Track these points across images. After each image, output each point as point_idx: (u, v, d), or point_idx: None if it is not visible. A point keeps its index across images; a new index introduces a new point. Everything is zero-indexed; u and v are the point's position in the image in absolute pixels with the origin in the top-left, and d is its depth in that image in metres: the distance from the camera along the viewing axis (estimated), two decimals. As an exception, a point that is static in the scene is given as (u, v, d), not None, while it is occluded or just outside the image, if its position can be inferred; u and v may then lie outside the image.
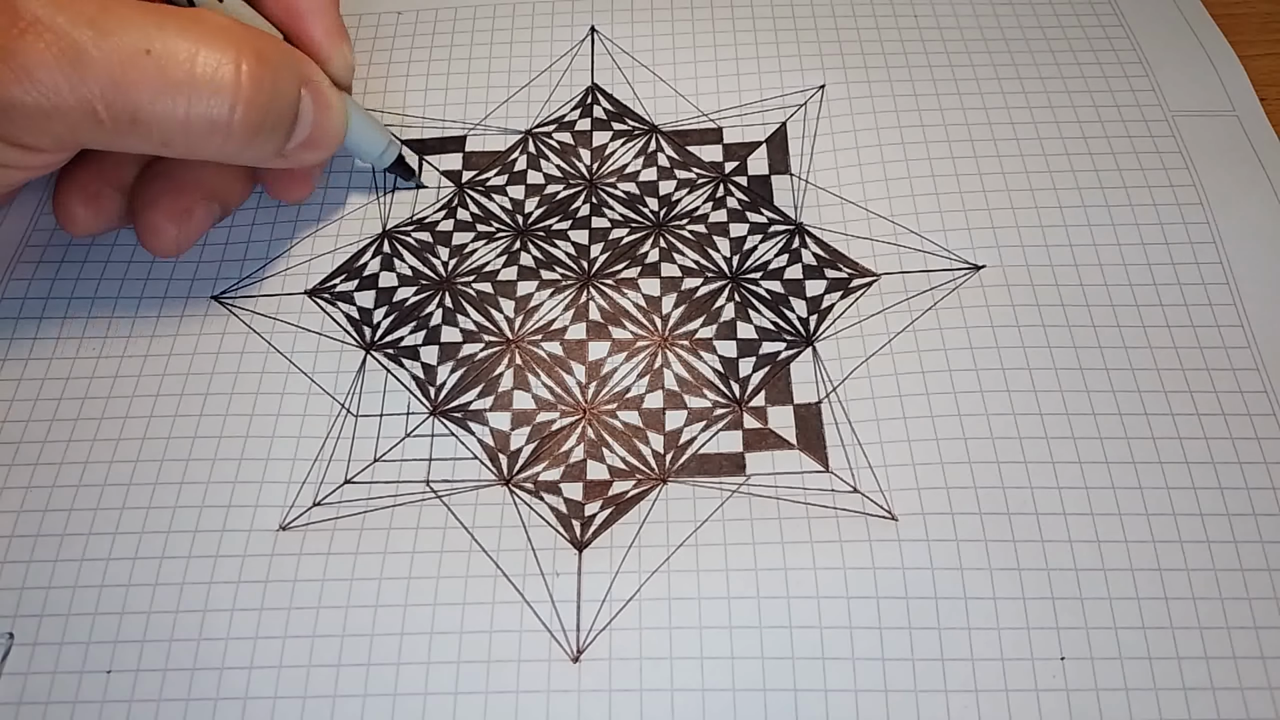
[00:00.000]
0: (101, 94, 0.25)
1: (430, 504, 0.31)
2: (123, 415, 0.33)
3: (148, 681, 0.28)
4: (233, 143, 0.28)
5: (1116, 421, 0.32)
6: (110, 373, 0.34)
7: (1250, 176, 0.37)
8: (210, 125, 0.27)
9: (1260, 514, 0.30)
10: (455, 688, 0.28)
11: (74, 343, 0.34)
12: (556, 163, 0.39)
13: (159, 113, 0.26)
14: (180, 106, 0.26)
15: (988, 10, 0.42)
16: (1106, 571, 0.29)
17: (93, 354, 0.34)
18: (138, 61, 0.25)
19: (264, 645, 0.29)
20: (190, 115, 0.26)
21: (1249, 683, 0.28)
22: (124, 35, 0.25)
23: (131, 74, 0.25)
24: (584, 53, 0.42)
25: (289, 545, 0.30)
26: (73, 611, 0.29)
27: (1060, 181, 0.37)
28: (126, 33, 0.25)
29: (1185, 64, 0.41)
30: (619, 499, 0.31)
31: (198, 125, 0.27)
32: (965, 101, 0.39)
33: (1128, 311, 0.34)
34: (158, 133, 0.26)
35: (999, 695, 0.28)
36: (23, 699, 0.28)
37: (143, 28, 0.25)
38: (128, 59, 0.25)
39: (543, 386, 0.33)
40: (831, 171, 0.38)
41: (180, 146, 0.27)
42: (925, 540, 0.30)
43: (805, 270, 0.36)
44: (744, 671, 0.28)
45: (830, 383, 0.33)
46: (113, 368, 0.34)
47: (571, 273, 0.36)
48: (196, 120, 0.26)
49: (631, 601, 0.29)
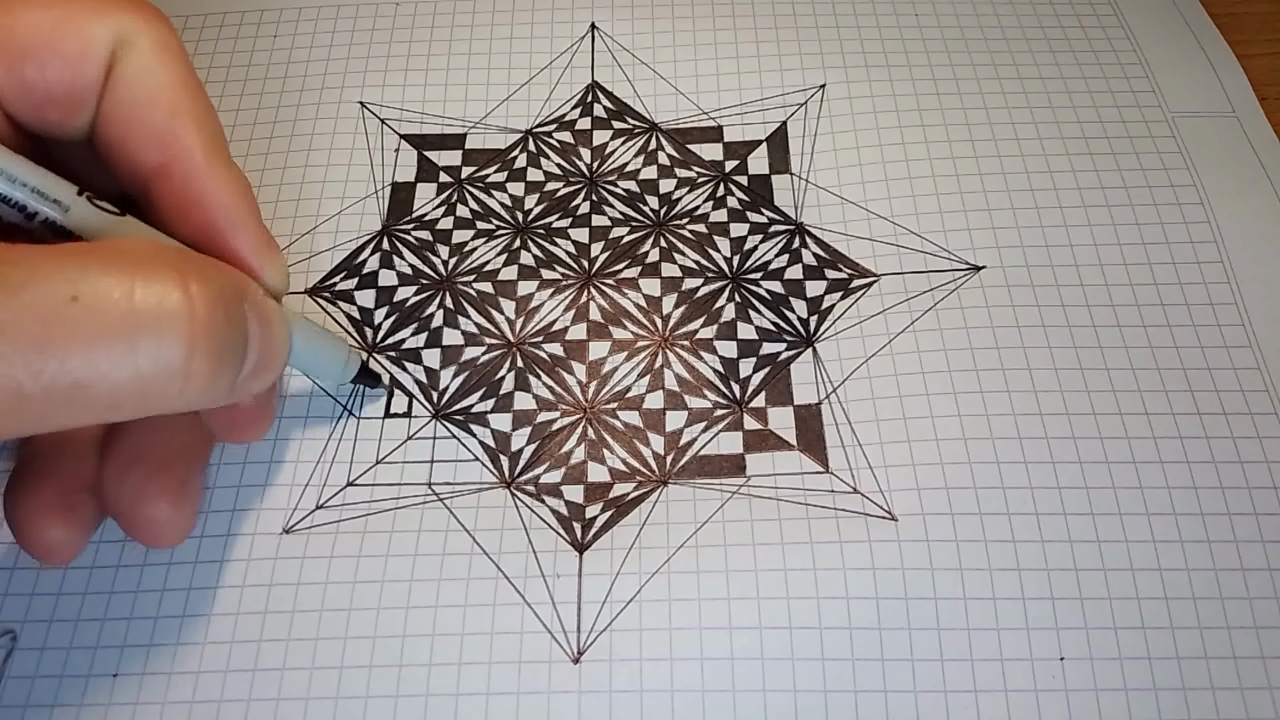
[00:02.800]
0: (25, 364, 0.19)
1: (432, 506, 0.31)
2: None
3: (153, 685, 0.28)
4: (194, 386, 0.22)
5: (1117, 421, 0.32)
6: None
7: (1250, 176, 0.37)
8: (167, 371, 0.21)
9: (1261, 513, 0.30)
10: (457, 689, 0.28)
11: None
12: (557, 161, 0.39)
13: (101, 371, 0.20)
14: (127, 356, 0.20)
15: (988, 10, 0.42)
16: (1106, 571, 0.29)
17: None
18: (64, 314, 0.19)
19: (268, 648, 0.29)
20: (140, 364, 0.21)
21: (1249, 683, 0.28)
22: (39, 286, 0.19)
23: (58, 331, 0.19)
24: (584, 50, 0.42)
25: (292, 548, 0.30)
26: (81, 617, 0.29)
27: (1060, 182, 0.37)
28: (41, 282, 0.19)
29: (1185, 65, 0.40)
30: (620, 501, 0.31)
31: (152, 373, 0.21)
32: (966, 102, 0.39)
33: (1128, 311, 0.34)
34: (105, 395, 0.20)
35: (998, 696, 0.28)
36: (29, 702, 0.28)
37: (60, 271, 0.20)
38: (50, 315, 0.19)
39: (543, 386, 0.33)
40: (832, 171, 0.38)
41: (132, 406, 0.21)
42: (925, 541, 0.30)
43: (805, 270, 0.36)
44: (744, 672, 0.28)
45: (830, 383, 0.33)
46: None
47: (572, 272, 0.36)
48: (149, 368, 0.21)
49: (632, 603, 0.29)
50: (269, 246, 0.27)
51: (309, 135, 0.39)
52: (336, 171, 0.39)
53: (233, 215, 0.26)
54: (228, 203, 0.26)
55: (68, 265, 0.20)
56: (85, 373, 0.20)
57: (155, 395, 0.21)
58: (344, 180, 0.38)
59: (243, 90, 0.41)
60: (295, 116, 0.40)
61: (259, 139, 0.39)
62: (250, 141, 0.39)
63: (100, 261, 0.21)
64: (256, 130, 0.40)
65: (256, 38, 0.42)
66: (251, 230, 0.26)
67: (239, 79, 0.41)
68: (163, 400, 0.22)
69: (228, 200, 0.26)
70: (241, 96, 0.41)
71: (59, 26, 0.24)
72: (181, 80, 0.26)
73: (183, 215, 0.26)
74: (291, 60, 0.42)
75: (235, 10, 0.43)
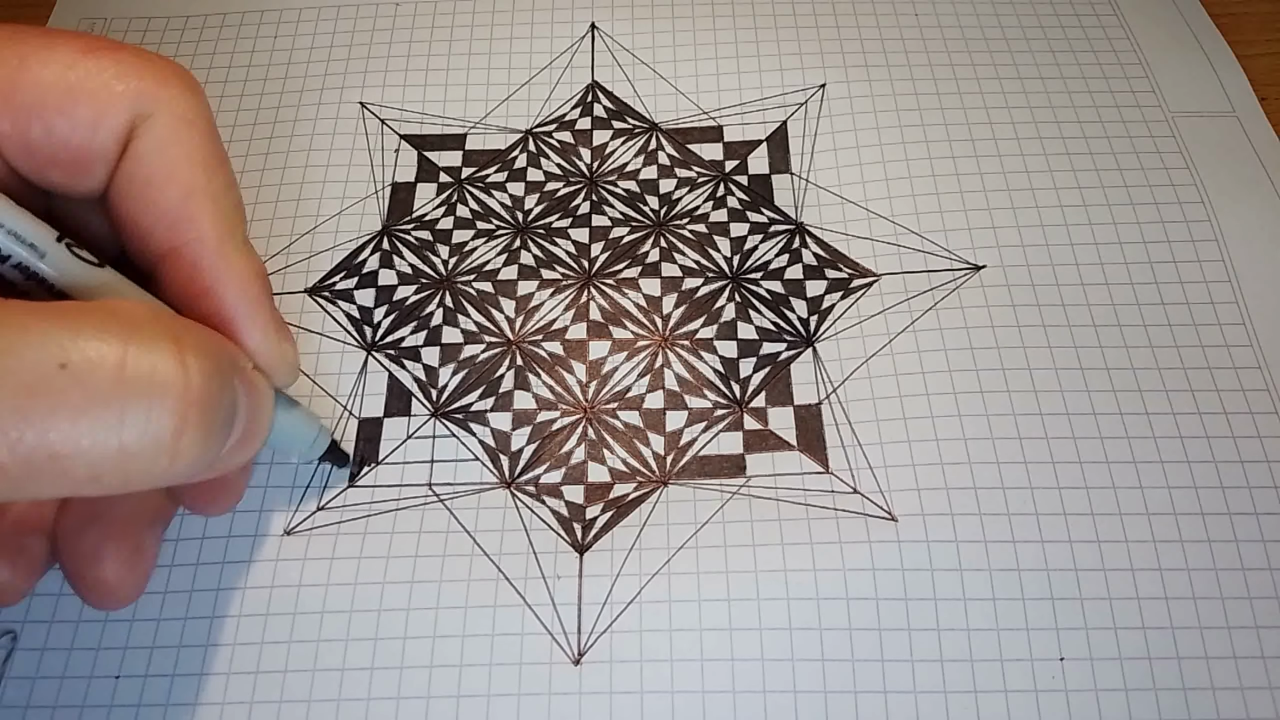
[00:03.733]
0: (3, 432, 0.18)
1: (433, 507, 0.31)
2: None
3: (155, 687, 0.28)
4: (181, 460, 0.20)
5: (1117, 421, 0.32)
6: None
7: (1250, 176, 0.37)
8: (154, 445, 0.20)
9: (1261, 513, 0.30)
10: (458, 690, 0.28)
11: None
12: (557, 161, 0.39)
13: (85, 443, 0.19)
14: (112, 429, 0.19)
15: (988, 10, 0.42)
16: (1106, 571, 0.29)
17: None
18: (50, 381, 0.18)
19: (269, 650, 0.29)
20: (125, 438, 0.19)
21: (1249, 682, 0.28)
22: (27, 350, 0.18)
23: (43, 400, 0.18)
24: (584, 49, 0.42)
25: (294, 550, 0.30)
26: (83, 618, 0.30)
27: (1061, 181, 0.37)
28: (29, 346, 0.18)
29: (1185, 64, 0.40)
30: (620, 501, 0.31)
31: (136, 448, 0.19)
32: (966, 101, 0.39)
33: (1129, 311, 0.34)
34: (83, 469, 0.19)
35: (998, 696, 0.28)
36: (30, 703, 0.28)
37: (50, 335, 0.18)
38: (35, 381, 0.18)
39: (543, 386, 0.33)
40: (832, 171, 0.38)
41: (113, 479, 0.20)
42: (925, 541, 0.30)
43: (805, 270, 0.36)
44: (744, 673, 0.28)
45: (830, 383, 0.33)
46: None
47: (572, 272, 0.36)
48: (134, 442, 0.19)
49: (632, 604, 0.29)
50: (278, 334, 0.25)
51: (309, 135, 0.39)
52: (336, 172, 0.39)
53: (243, 305, 0.25)
54: (238, 291, 0.25)
55: (59, 327, 0.19)
56: (66, 444, 0.19)
57: (139, 471, 0.20)
58: (344, 180, 0.38)
59: (243, 90, 0.41)
60: (295, 117, 0.40)
61: (259, 139, 0.39)
62: (250, 142, 0.39)
63: (94, 325, 0.19)
64: (256, 130, 0.40)
65: (257, 38, 0.42)
66: (261, 320, 0.25)
67: (239, 79, 0.41)
68: (146, 476, 0.20)
69: (238, 289, 0.25)
70: (241, 97, 0.41)
71: (75, 90, 0.23)
72: (201, 158, 0.24)
73: (193, 300, 0.24)
74: (291, 60, 0.42)
75: (235, 10, 0.43)
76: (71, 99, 0.23)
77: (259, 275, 0.25)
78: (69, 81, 0.23)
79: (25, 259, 0.22)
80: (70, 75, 0.23)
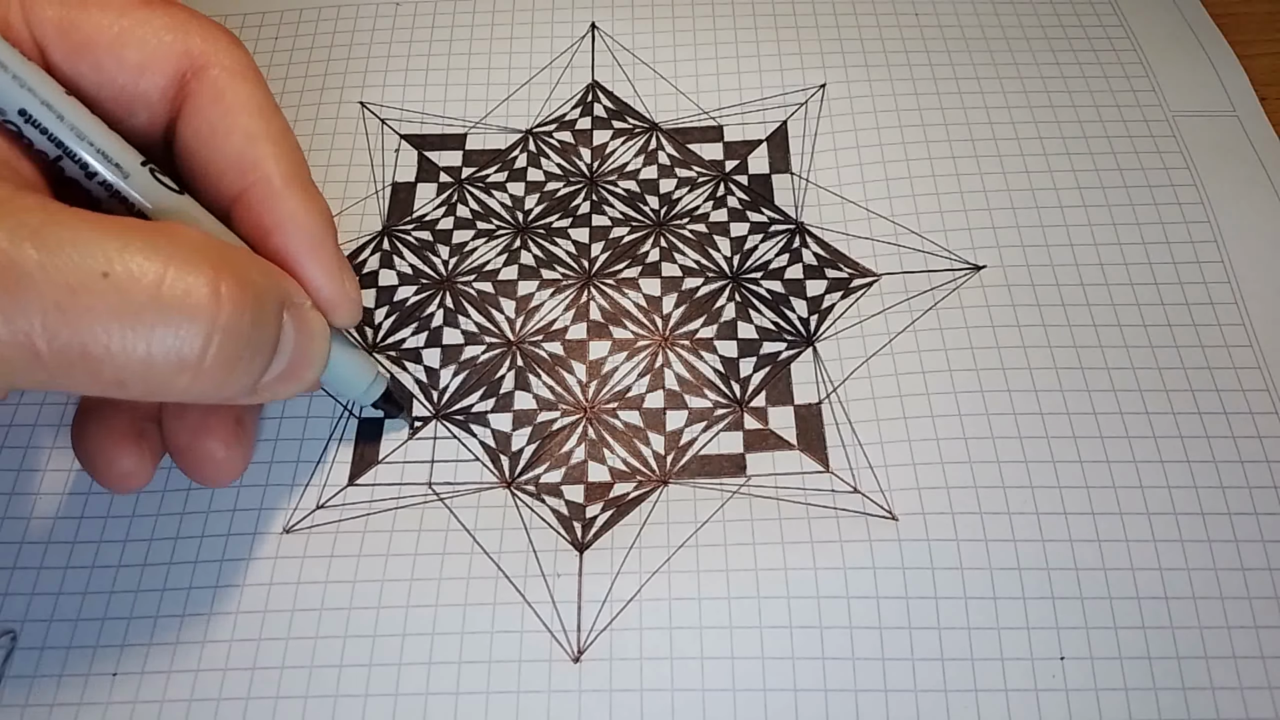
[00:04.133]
0: (43, 326, 0.20)
1: (432, 506, 0.31)
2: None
3: (152, 683, 0.28)
4: (203, 381, 0.22)
5: (1118, 420, 0.32)
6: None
7: (1251, 176, 0.37)
8: (178, 362, 0.21)
9: (1261, 512, 0.30)
10: (457, 688, 0.28)
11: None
12: (557, 161, 0.39)
13: (115, 347, 0.20)
14: (142, 339, 0.21)
15: (988, 10, 0.42)
16: (1107, 571, 0.29)
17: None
18: (92, 285, 0.20)
19: (267, 647, 0.29)
20: (153, 351, 0.21)
21: (1249, 682, 0.28)
22: (75, 253, 0.20)
23: (83, 301, 0.20)
24: (584, 49, 0.42)
25: (293, 548, 0.30)
26: (81, 617, 0.29)
27: (1061, 181, 0.37)
28: (80, 249, 0.20)
29: (1185, 64, 0.41)
30: (620, 500, 0.31)
31: (162, 361, 0.21)
32: (966, 101, 0.39)
33: (1129, 311, 0.34)
34: (110, 371, 0.21)
35: (998, 695, 0.28)
36: (29, 702, 0.28)
37: (100, 244, 0.20)
38: (79, 282, 0.20)
39: (543, 386, 0.33)
40: (832, 171, 0.38)
41: (137, 387, 0.21)
42: (925, 540, 0.30)
43: (806, 270, 0.36)
44: (744, 671, 0.28)
45: (831, 383, 0.33)
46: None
47: (572, 272, 0.36)
48: (160, 355, 0.21)
49: (632, 602, 0.29)
50: (340, 273, 0.27)
51: (309, 135, 0.39)
52: (337, 172, 0.39)
53: (304, 244, 0.26)
54: (302, 229, 0.26)
55: (110, 238, 0.20)
56: (97, 346, 0.20)
57: (162, 383, 0.22)
58: (344, 180, 0.38)
59: (243, 90, 0.41)
60: (296, 117, 0.40)
61: (259, 139, 0.39)
62: (251, 141, 0.39)
63: (142, 242, 0.21)
64: (257, 130, 0.40)
65: (258, 39, 0.42)
66: (323, 256, 0.26)
67: (239, 79, 0.41)
68: (169, 390, 0.22)
69: (302, 226, 0.26)
70: (242, 96, 0.40)
71: (125, 35, 0.25)
72: (258, 105, 0.26)
73: (260, 239, 0.26)
74: (292, 60, 0.42)
75: (236, 12, 0.43)
76: (121, 42, 0.25)
77: (322, 216, 0.27)
78: (121, 26, 0.25)
79: (111, 178, 0.24)
80: (123, 21, 0.25)
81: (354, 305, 0.27)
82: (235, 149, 0.26)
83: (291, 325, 0.24)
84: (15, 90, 0.22)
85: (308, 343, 0.25)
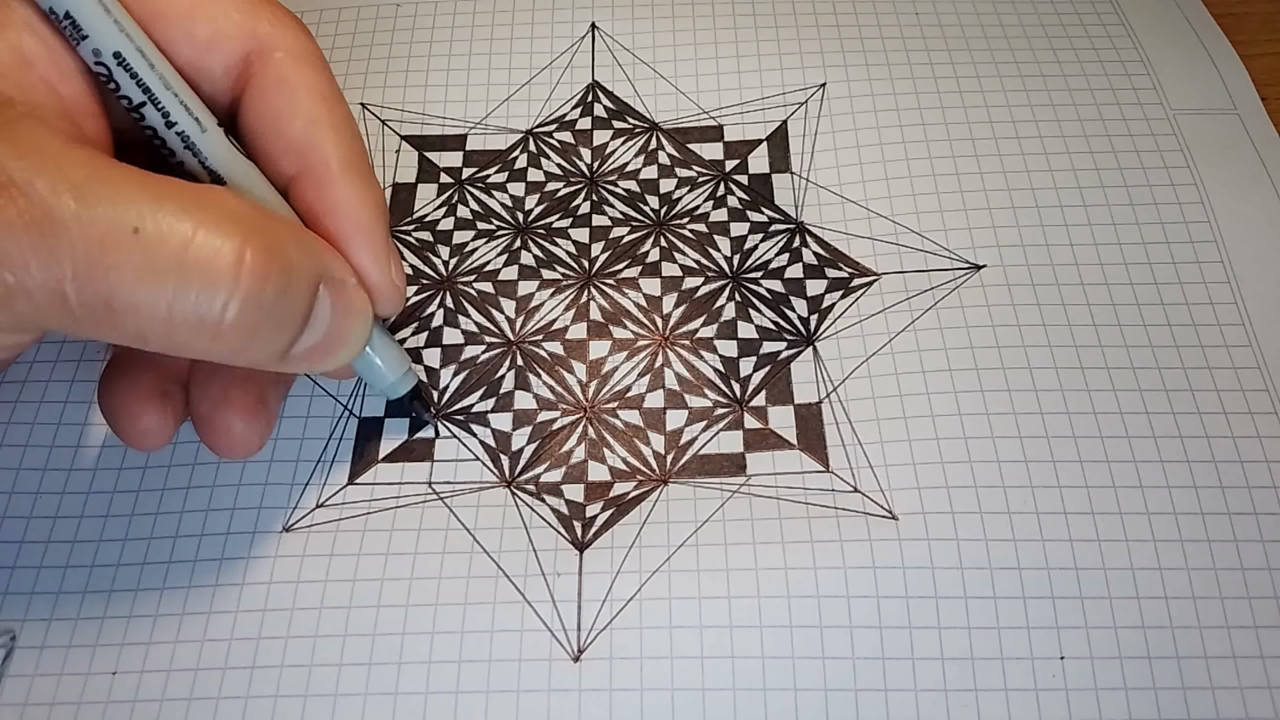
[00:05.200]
0: (74, 274, 0.20)
1: (432, 505, 0.31)
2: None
3: (151, 682, 0.28)
4: (222, 344, 0.23)
5: (1117, 420, 0.32)
6: (113, 374, 0.34)
7: (1251, 175, 0.37)
8: (197, 323, 0.22)
9: (1261, 512, 0.30)
10: (456, 687, 0.28)
11: (78, 345, 0.35)
12: (557, 161, 0.39)
13: (137, 302, 0.21)
14: (163, 297, 0.21)
15: (989, 9, 0.42)
16: (1107, 570, 0.29)
17: (98, 357, 0.34)
18: (120, 241, 0.21)
19: (266, 645, 0.29)
20: (174, 309, 0.21)
21: (1248, 682, 0.28)
22: (110, 208, 0.21)
23: (110, 255, 0.21)
24: (585, 49, 0.42)
25: (292, 547, 0.30)
26: (81, 615, 0.29)
27: (1061, 180, 0.37)
28: (114, 205, 0.21)
29: (1186, 63, 0.41)
30: (620, 500, 0.31)
31: (181, 321, 0.22)
32: (966, 100, 0.39)
33: (1129, 310, 0.34)
34: (133, 325, 0.22)
35: (998, 694, 0.28)
36: (29, 700, 0.28)
37: (135, 201, 0.21)
38: (109, 236, 0.20)
39: (544, 386, 0.33)
40: (832, 170, 0.38)
41: (159, 343, 0.22)
42: (925, 539, 0.30)
43: (806, 269, 0.36)
44: (744, 671, 0.28)
45: (831, 382, 0.33)
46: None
47: (572, 272, 0.36)
48: (180, 315, 0.22)
49: (632, 601, 0.29)
50: (387, 260, 0.27)
51: (310, 135, 0.39)
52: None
53: (353, 228, 0.26)
54: (355, 213, 0.26)
55: (147, 197, 0.21)
56: (120, 300, 0.21)
57: (180, 342, 0.22)
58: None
59: (244, 90, 0.41)
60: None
61: (260, 139, 0.39)
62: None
63: (179, 204, 0.21)
64: (257, 130, 0.40)
65: (258, 38, 0.42)
66: (372, 242, 0.27)
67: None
68: (191, 348, 0.23)
69: (355, 211, 0.26)
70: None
71: (195, 11, 0.25)
72: (321, 91, 0.27)
73: (312, 222, 0.26)
74: (292, 60, 0.42)
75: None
76: (191, 16, 0.25)
77: (375, 203, 0.27)
78: (193, 1, 0.25)
79: (189, 129, 0.24)
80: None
81: (397, 293, 0.28)
82: (296, 132, 0.26)
83: (329, 300, 0.25)
84: (115, 33, 0.23)
85: (345, 319, 0.26)
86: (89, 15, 0.23)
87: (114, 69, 0.23)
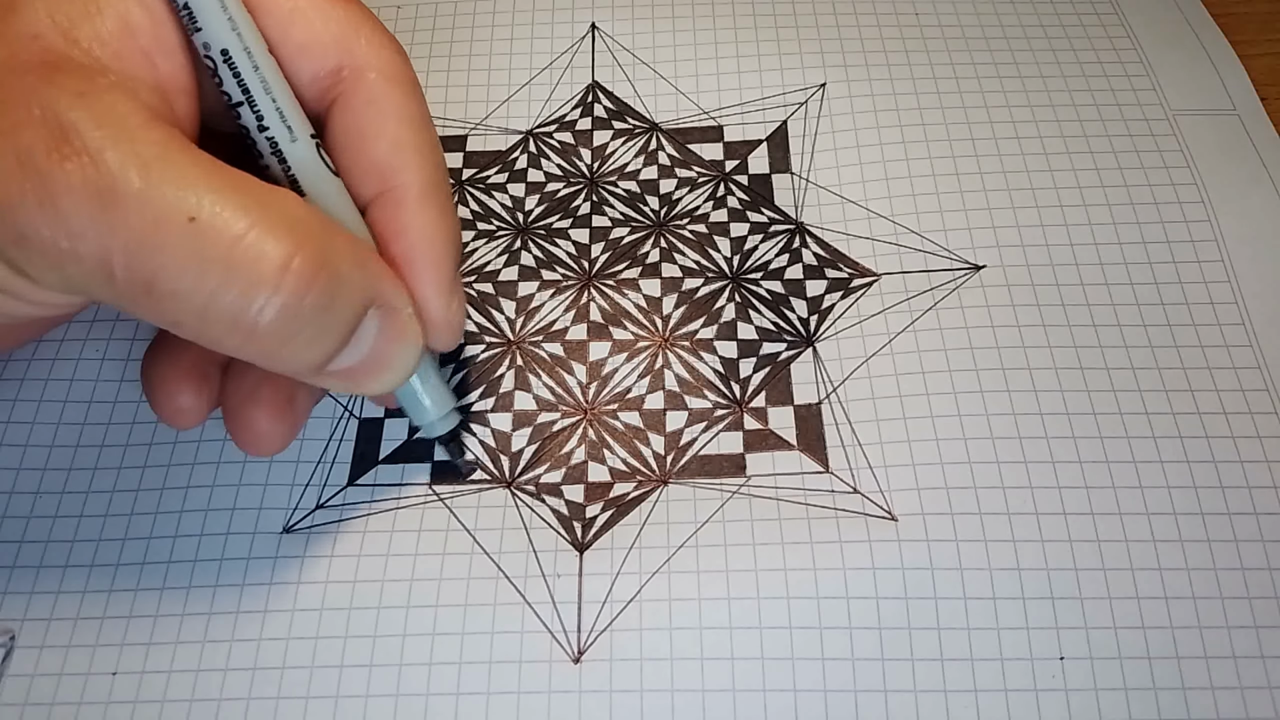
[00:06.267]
0: (124, 249, 0.21)
1: (432, 506, 0.31)
2: (129, 421, 0.33)
3: (152, 683, 0.28)
4: (255, 346, 0.23)
5: (1117, 421, 0.32)
6: (115, 376, 0.34)
7: (1251, 175, 0.37)
8: (231, 321, 0.22)
9: (1261, 512, 0.30)
10: (457, 688, 0.28)
11: (77, 344, 0.35)
12: (557, 161, 0.39)
13: (177, 289, 0.21)
14: (202, 289, 0.21)
15: (989, 9, 0.42)
16: (1106, 571, 0.29)
17: (96, 355, 0.34)
18: (173, 225, 0.21)
19: (267, 647, 0.29)
20: (210, 304, 0.21)
21: (1248, 682, 0.28)
22: (171, 191, 0.21)
23: (161, 237, 0.21)
24: (584, 50, 0.42)
25: (292, 548, 0.30)
26: (81, 615, 0.29)
27: (1061, 181, 0.37)
28: (176, 189, 0.21)
29: (1186, 63, 0.40)
30: (620, 501, 0.31)
31: (215, 316, 0.22)
32: (966, 100, 0.39)
33: (1129, 311, 0.34)
34: (170, 311, 0.22)
35: (998, 695, 0.28)
36: (28, 700, 0.28)
37: (197, 189, 0.21)
38: (164, 219, 0.21)
39: (543, 387, 0.33)
40: (832, 170, 0.38)
41: (192, 333, 0.22)
42: (925, 540, 0.30)
43: (806, 270, 0.36)
44: (744, 672, 0.28)
45: (830, 383, 0.33)
46: (118, 371, 0.34)
47: (572, 273, 0.36)
48: (216, 310, 0.22)
49: (632, 603, 0.29)
50: (450, 295, 0.27)
51: (310, 136, 0.39)
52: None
53: (425, 255, 0.26)
54: (425, 242, 0.26)
55: (209, 189, 0.21)
56: (161, 284, 0.21)
57: (213, 337, 0.22)
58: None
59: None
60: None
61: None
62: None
63: (240, 200, 0.21)
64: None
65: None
66: (437, 274, 0.26)
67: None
68: (221, 345, 0.23)
69: (426, 240, 0.26)
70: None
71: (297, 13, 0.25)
72: (409, 115, 0.26)
73: (383, 245, 0.26)
74: (292, 61, 0.42)
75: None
76: (291, 19, 0.25)
77: (448, 235, 0.27)
78: (296, 4, 0.25)
79: (279, 136, 0.25)
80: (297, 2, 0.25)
81: (454, 330, 0.27)
82: (381, 154, 0.26)
83: (377, 322, 0.25)
84: (226, 31, 0.23)
85: (390, 345, 0.25)
86: (205, 9, 0.23)
87: (219, 64, 0.23)
